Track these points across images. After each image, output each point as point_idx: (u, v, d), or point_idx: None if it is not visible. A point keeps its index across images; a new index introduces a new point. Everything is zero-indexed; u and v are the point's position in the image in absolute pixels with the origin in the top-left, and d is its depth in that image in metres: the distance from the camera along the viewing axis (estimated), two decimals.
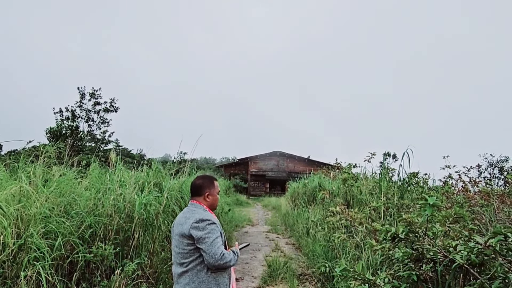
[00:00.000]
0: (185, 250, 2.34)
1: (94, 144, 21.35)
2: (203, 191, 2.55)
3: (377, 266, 4.16)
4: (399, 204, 5.54)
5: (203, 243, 2.26)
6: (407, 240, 2.79)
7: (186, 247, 2.33)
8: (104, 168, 6.72)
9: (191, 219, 2.34)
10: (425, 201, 2.44)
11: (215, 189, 2.62)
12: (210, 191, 2.58)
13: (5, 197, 3.66)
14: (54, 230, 3.91)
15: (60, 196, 4.55)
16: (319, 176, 12.43)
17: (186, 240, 2.32)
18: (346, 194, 7.99)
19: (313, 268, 6.19)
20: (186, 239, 2.32)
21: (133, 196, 5.12)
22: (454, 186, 6.90)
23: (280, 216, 14.90)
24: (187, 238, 2.31)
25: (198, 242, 2.28)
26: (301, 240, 8.62)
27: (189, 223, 2.32)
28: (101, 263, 4.16)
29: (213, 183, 2.63)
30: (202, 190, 2.55)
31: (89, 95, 21.20)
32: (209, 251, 2.24)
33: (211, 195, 2.58)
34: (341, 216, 5.46)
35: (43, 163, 5.08)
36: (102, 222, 4.52)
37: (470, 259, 2.41)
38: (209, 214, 2.42)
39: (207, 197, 2.55)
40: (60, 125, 12.51)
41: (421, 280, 2.74)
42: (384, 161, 8.46)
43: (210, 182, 2.61)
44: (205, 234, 2.28)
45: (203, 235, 2.27)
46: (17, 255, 3.46)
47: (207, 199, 2.55)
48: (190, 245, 2.32)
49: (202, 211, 2.43)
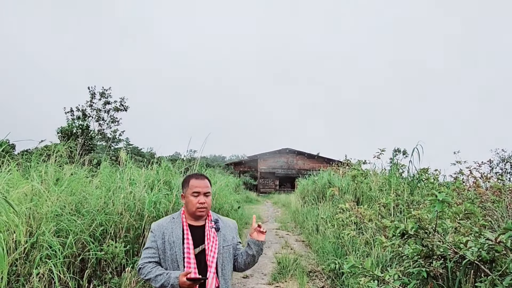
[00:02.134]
0: None
1: (105, 143, 21.58)
2: (182, 193, 2.22)
3: (387, 263, 4.13)
4: (409, 200, 5.49)
5: None
6: (416, 236, 2.77)
7: None
8: (114, 166, 6.79)
9: None
10: (435, 197, 2.41)
11: (188, 189, 2.15)
12: (184, 192, 2.19)
13: (18, 196, 3.72)
14: (65, 228, 3.96)
15: (71, 194, 4.61)
16: (328, 173, 12.38)
17: None
18: (355, 191, 7.95)
19: (322, 265, 6.18)
20: None
21: (143, 194, 5.17)
22: (465, 182, 6.83)
23: (290, 213, 14.89)
24: None
25: None
26: (311, 237, 8.60)
27: None
28: (112, 260, 4.21)
29: (188, 182, 2.18)
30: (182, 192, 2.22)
31: (99, 95, 21.43)
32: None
33: (185, 197, 2.17)
34: (351, 213, 5.44)
35: (55, 162, 5.14)
36: (113, 220, 4.57)
37: (480, 256, 2.38)
38: (162, 220, 2.18)
39: (182, 199, 2.21)
40: (71, 124, 12.65)
41: (431, 276, 2.72)
42: (394, 157, 8.41)
43: (185, 182, 2.21)
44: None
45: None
46: (30, 253, 3.52)
47: (182, 201, 2.20)
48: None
49: (165, 217, 2.22)
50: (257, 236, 2.21)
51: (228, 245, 2.21)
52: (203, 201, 2.12)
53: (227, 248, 2.19)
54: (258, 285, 5.49)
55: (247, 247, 2.22)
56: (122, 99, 22.04)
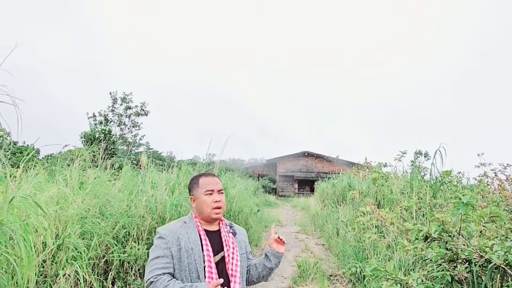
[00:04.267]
0: None
1: (126, 147, 21.97)
2: (190, 195, 2.00)
3: (410, 267, 4.08)
4: (432, 203, 5.40)
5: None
6: (440, 239, 2.73)
7: None
8: (135, 170, 6.91)
9: None
10: (459, 200, 2.38)
11: (199, 189, 1.94)
12: (194, 194, 1.96)
13: (45, 199, 3.84)
14: (90, 230, 4.06)
15: (95, 197, 4.72)
16: (348, 176, 12.28)
17: None
18: (376, 194, 7.86)
19: (343, 269, 6.13)
20: None
21: (164, 197, 5.24)
22: (489, 184, 6.66)
23: (309, 217, 14.81)
24: None
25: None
26: (331, 241, 8.54)
27: None
28: (135, 262, 4.29)
29: (197, 182, 1.97)
30: (189, 194, 2.01)
31: (121, 100, 21.85)
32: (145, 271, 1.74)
33: (196, 198, 1.94)
34: (372, 216, 5.38)
35: (79, 166, 5.28)
36: (135, 223, 4.65)
37: (507, 259, 2.33)
38: (172, 225, 1.89)
39: (192, 202, 1.97)
40: (93, 129, 12.96)
41: (455, 280, 2.67)
42: (416, 160, 8.27)
43: (194, 181, 1.99)
44: (150, 251, 1.80)
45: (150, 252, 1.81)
46: (56, 254, 3.62)
47: (193, 204, 1.97)
48: None
49: (177, 220, 1.95)
50: (276, 247, 2.06)
51: (244, 253, 2.02)
52: (218, 199, 1.91)
53: (244, 256, 2.00)
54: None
55: (264, 258, 2.05)
56: (143, 103, 22.42)
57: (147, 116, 22.59)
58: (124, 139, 22.25)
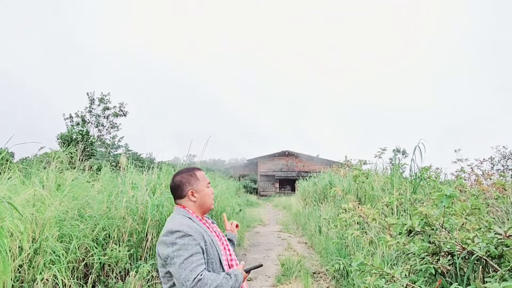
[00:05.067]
0: (161, 273, 1.76)
1: (104, 149, 21.57)
2: (184, 190, 1.91)
3: (393, 261, 4.12)
4: (412, 199, 5.48)
5: (172, 264, 1.63)
6: (423, 233, 2.76)
7: (161, 269, 1.75)
8: (115, 172, 6.78)
9: (162, 231, 1.75)
10: (441, 193, 2.40)
11: (200, 182, 1.94)
12: (194, 187, 1.92)
13: (20, 202, 3.70)
14: (68, 233, 3.94)
15: (74, 199, 4.59)
16: (329, 174, 12.38)
17: (159, 261, 1.74)
18: (357, 191, 7.94)
19: (327, 266, 6.15)
20: (159, 259, 1.73)
21: (145, 198, 5.15)
22: (466, 179, 6.82)
23: (291, 216, 14.87)
24: (159, 258, 1.73)
25: (167, 263, 1.67)
26: (314, 239, 8.59)
27: (160, 238, 1.74)
28: (116, 265, 4.19)
29: (195, 175, 1.95)
30: (183, 189, 1.91)
31: (98, 100, 21.43)
32: (178, 275, 1.60)
33: (197, 192, 1.91)
34: (354, 212, 5.43)
35: (55, 169, 5.13)
36: (116, 225, 4.55)
37: (489, 251, 2.37)
38: (184, 222, 1.75)
39: (192, 196, 1.90)
40: (70, 130, 12.64)
41: (438, 273, 2.70)
42: (395, 157, 8.40)
43: (190, 175, 1.94)
44: (173, 252, 1.64)
45: (171, 254, 1.64)
46: (33, 258, 3.50)
47: (193, 198, 1.90)
48: (162, 267, 1.73)
49: (179, 217, 1.80)
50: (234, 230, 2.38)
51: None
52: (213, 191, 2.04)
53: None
54: (262, 287, 5.47)
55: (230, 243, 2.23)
56: (121, 104, 22.05)
57: (125, 117, 22.24)
58: (102, 140, 21.84)
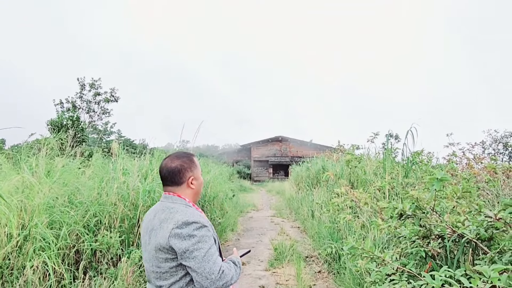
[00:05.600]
0: (162, 268, 1.58)
1: (97, 135, 21.37)
2: (184, 177, 1.72)
3: (384, 245, 4.15)
4: (404, 183, 5.50)
5: (192, 258, 1.51)
6: (414, 216, 2.76)
7: (164, 264, 1.57)
8: (107, 158, 6.72)
9: (169, 223, 1.56)
10: (433, 176, 2.39)
11: (198, 169, 1.80)
12: (194, 174, 1.76)
13: (8, 189, 3.65)
14: (59, 220, 3.90)
15: (64, 186, 4.54)
16: (322, 159, 12.41)
17: (163, 255, 1.56)
18: (350, 176, 7.96)
19: (319, 250, 6.20)
20: (164, 253, 1.55)
21: (137, 183, 5.11)
22: (458, 163, 6.85)
23: (284, 200, 14.95)
24: (166, 252, 1.55)
25: (184, 258, 1.52)
26: (306, 223, 8.64)
27: (168, 229, 1.54)
28: (107, 251, 4.17)
29: (193, 161, 1.79)
30: (183, 176, 1.72)
31: (89, 86, 21.14)
32: (202, 269, 1.50)
33: (196, 179, 1.76)
34: (346, 197, 5.44)
35: (46, 155, 5.06)
36: (107, 211, 4.52)
37: (479, 234, 2.38)
38: (195, 213, 1.63)
39: (191, 183, 1.74)
40: (61, 116, 12.47)
41: (429, 256, 2.72)
42: (387, 141, 8.41)
43: (191, 161, 1.78)
44: (192, 245, 1.52)
45: (190, 247, 1.51)
46: (23, 245, 3.46)
47: (191, 186, 1.74)
48: (169, 261, 1.56)
49: (183, 207, 1.64)
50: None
51: None
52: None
53: None
54: (255, 271, 5.50)
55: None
56: (113, 89, 21.77)
57: (117, 102, 22.00)
58: (94, 126, 21.64)
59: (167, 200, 1.70)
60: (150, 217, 1.71)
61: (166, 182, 1.74)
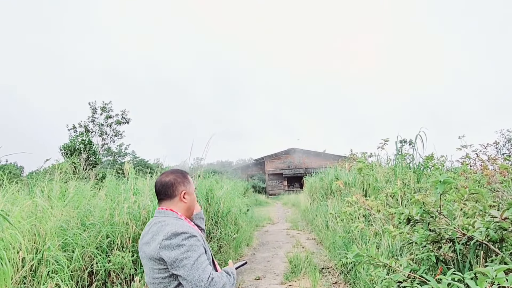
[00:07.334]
0: (156, 279, 1.65)
1: (111, 157, 21.65)
2: (177, 190, 1.82)
3: (398, 252, 4.08)
4: (416, 188, 5.43)
5: (181, 267, 1.57)
6: (422, 221, 2.72)
7: (157, 275, 1.65)
8: (120, 179, 6.81)
9: (160, 235, 1.64)
10: (436, 179, 2.36)
11: (191, 186, 1.90)
12: (187, 189, 1.86)
13: (20, 214, 3.72)
14: (71, 242, 3.96)
15: (76, 208, 4.61)
16: (335, 168, 12.33)
17: (156, 265, 1.64)
18: (362, 184, 7.89)
19: (334, 261, 6.12)
20: (157, 263, 1.63)
21: (148, 202, 5.16)
22: (472, 165, 6.73)
23: (300, 212, 14.84)
24: (158, 263, 1.63)
25: (173, 267, 1.59)
26: (321, 234, 8.55)
27: (158, 241, 1.62)
28: (121, 271, 4.19)
29: (186, 177, 1.90)
30: (175, 189, 1.82)
31: (101, 109, 21.53)
32: (191, 277, 1.56)
33: (188, 194, 1.86)
34: (358, 206, 5.38)
35: (59, 179, 5.16)
36: (119, 231, 4.56)
37: (489, 235, 2.33)
38: (185, 224, 1.71)
39: (183, 197, 1.83)
40: (73, 140, 12.72)
41: (440, 261, 2.66)
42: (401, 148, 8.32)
43: (184, 176, 1.89)
44: (181, 254, 1.59)
45: (179, 256, 1.58)
46: (37, 269, 3.51)
47: (184, 200, 1.83)
48: (162, 272, 1.64)
49: (174, 220, 1.73)
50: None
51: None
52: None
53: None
54: (270, 285, 5.45)
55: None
56: (123, 111, 22.12)
57: (128, 124, 22.30)
58: (108, 149, 21.96)
59: (160, 215, 1.78)
60: (145, 232, 1.78)
61: (160, 195, 1.83)
